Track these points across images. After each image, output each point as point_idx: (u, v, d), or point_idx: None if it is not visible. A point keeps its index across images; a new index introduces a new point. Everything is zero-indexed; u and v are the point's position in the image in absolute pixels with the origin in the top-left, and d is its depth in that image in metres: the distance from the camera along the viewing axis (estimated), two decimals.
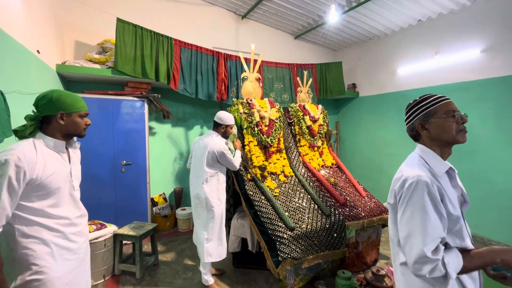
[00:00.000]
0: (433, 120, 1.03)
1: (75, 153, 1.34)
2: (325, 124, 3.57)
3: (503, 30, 3.23)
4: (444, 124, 1.01)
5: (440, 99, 1.04)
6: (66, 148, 1.27)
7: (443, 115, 1.02)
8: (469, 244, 0.99)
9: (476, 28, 3.48)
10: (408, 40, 4.36)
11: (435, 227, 0.91)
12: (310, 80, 3.78)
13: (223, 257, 2.46)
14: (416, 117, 1.08)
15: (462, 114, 1.03)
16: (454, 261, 0.90)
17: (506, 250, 0.89)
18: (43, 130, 1.20)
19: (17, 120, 1.76)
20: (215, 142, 2.38)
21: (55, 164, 1.18)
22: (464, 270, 0.91)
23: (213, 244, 2.41)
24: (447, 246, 0.96)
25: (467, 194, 1.07)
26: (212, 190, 2.41)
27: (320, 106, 3.64)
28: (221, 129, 2.47)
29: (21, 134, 1.17)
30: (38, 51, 2.34)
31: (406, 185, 0.98)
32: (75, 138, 1.33)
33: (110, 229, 2.69)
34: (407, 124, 1.13)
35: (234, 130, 2.74)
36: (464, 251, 0.95)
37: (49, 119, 1.19)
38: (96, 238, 2.52)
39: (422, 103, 1.07)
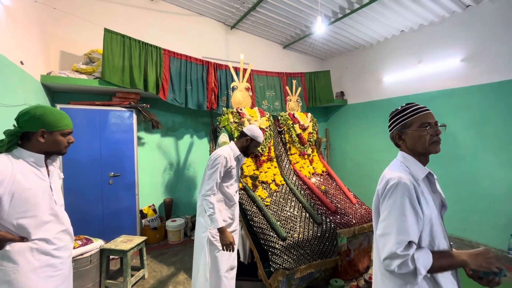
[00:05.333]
0: (408, 132, 1.08)
1: (54, 165, 1.30)
2: (315, 132, 3.61)
3: (481, 40, 3.39)
4: (418, 136, 1.05)
5: (416, 111, 1.07)
6: (45, 162, 1.23)
7: (417, 127, 1.06)
8: (444, 244, 1.02)
9: (455, 38, 3.64)
10: (392, 49, 4.51)
11: (410, 227, 0.95)
12: (299, 89, 3.83)
13: None
14: (395, 127, 1.12)
15: (438, 125, 1.06)
16: (424, 257, 0.93)
17: (472, 255, 0.93)
18: (21, 146, 1.16)
19: None
20: (218, 149, 2.00)
21: (33, 179, 1.14)
22: (434, 269, 0.93)
23: (198, 284, 1.99)
24: (420, 246, 0.98)
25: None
26: (202, 210, 2.02)
27: (309, 114, 3.68)
28: (244, 141, 2.03)
29: None
30: (21, 62, 2.29)
31: (388, 185, 1.02)
32: None
33: (97, 244, 2.60)
34: (390, 131, 1.18)
35: (225, 138, 2.73)
36: (435, 251, 0.98)
37: (29, 135, 1.15)
38: (81, 254, 2.42)
39: (399, 115, 1.10)
